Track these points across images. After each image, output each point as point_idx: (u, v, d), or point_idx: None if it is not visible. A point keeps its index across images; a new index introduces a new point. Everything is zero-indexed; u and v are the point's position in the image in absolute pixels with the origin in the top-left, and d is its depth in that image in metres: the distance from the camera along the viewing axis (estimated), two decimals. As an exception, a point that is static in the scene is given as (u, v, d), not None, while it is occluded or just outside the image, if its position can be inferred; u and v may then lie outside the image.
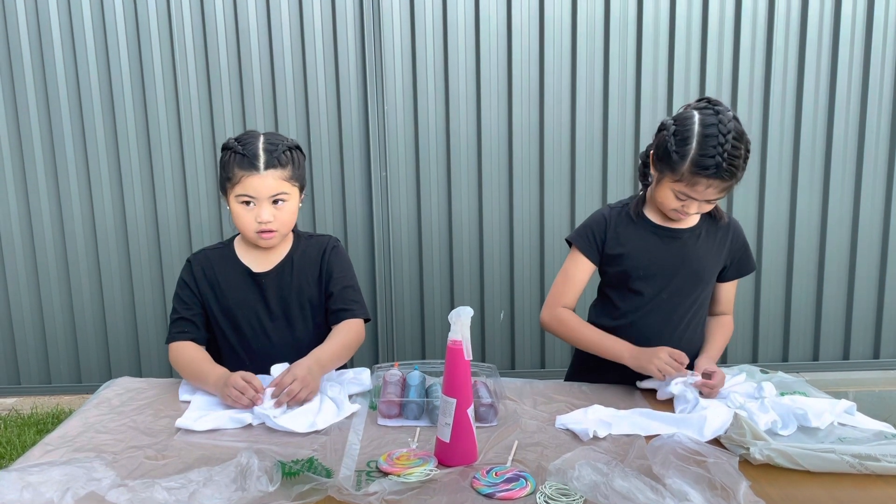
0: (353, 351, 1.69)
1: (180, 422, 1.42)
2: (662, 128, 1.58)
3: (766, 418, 1.36)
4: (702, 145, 1.48)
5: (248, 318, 1.71)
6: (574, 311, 1.76)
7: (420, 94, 3.10)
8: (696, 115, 1.52)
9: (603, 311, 1.78)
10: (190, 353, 1.65)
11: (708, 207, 1.60)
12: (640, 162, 1.72)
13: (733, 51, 3.09)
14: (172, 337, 1.69)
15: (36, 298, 3.24)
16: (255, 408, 1.43)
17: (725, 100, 3.12)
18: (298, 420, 1.39)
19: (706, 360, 1.64)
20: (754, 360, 3.31)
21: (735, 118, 1.52)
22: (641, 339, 1.64)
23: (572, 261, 1.75)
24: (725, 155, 1.46)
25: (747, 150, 1.51)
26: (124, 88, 3.08)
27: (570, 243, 1.78)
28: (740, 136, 1.49)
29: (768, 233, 3.22)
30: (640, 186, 1.74)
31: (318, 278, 1.74)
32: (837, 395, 1.64)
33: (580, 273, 1.73)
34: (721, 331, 1.77)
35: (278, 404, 1.43)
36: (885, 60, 3.10)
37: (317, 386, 1.50)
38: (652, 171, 1.63)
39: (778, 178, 3.19)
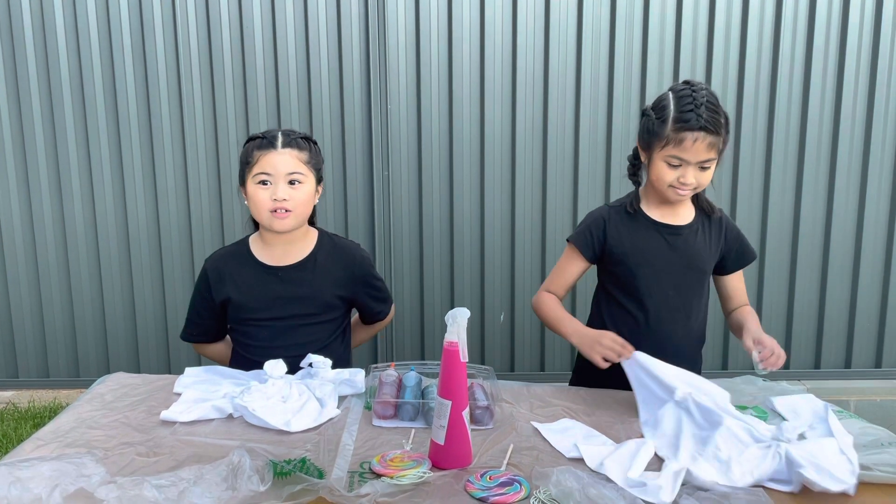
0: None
1: (165, 414, 1.42)
2: (644, 113, 1.68)
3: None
4: (679, 103, 1.58)
5: (260, 312, 1.73)
6: (562, 301, 1.79)
7: (423, 94, 3.09)
8: (669, 91, 1.65)
9: (620, 321, 1.74)
10: (209, 350, 1.88)
11: (704, 178, 1.61)
12: (628, 164, 1.79)
13: (739, 51, 3.07)
14: (189, 338, 1.86)
15: (35, 292, 3.23)
16: (235, 399, 1.44)
17: (730, 99, 3.10)
18: (276, 416, 1.39)
19: (749, 336, 1.65)
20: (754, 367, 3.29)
21: (708, 87, 1.62)
22: (659, 340, 1.67)
23: (566, 256, 1.81)
24: (703, 108, 1.55)
25: (726, 118, 1.60)
26: (127, 86, 3.07)
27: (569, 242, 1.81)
28: (715, 97, 1.59)
29: (771, 240, 3.20)
30: (634, 186, 1.80)
31: (341, 285, 1.77)
32: (839, 404, 1.62)
33: (571, 268, 1.78)
34: (750, 316, 1.76)
35: None
36: (892, 60, 3.08)
37: None
38: (643, 158, 1.70)
39: (782, 183, 3.17)
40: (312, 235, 1.79)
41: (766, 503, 1.08)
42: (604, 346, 1.53)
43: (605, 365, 1.53)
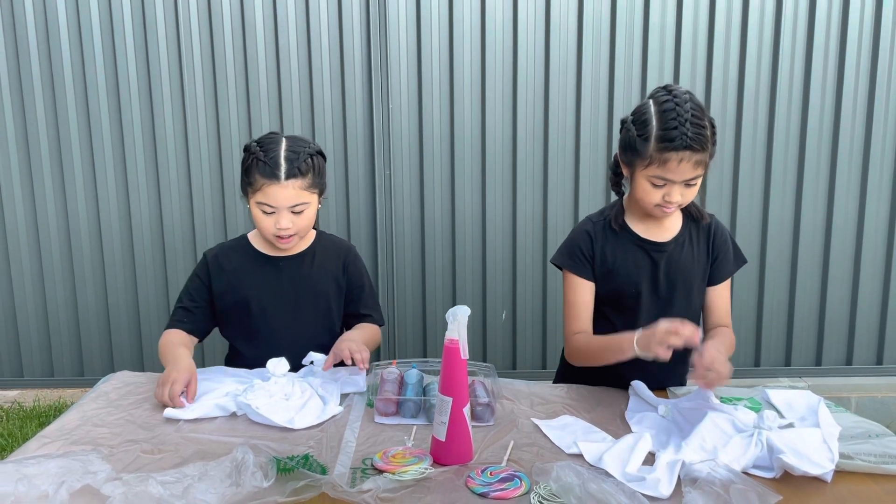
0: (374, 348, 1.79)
1: (169, 412, 1.43)
2: (623, 124, 1.57)
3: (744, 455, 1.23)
4: (662, 120, 1.46)
5: (258, 299, 1.74)
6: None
7: (425, 93, 3.10)
8: (651, 100, 1.52)
9: (602, 333, 1.67)
10: (171, 337, 1.72)
11: (690, 194, 1.52)
12: (610, 172, 1.68)
13: (739, 51, 3.07)
14: (169, 324, 1.77)
15: (40, 291, 3.25)
16: (239, 397, 1.45)
17: (730, 101, 3.10)
18: (279, 413, 1.40)
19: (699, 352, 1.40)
20: (756, 364, 3.30)
21: (691, 94, 1.50)
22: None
23: (571, 286, 1.67)
24: (688, 124, 1.43)
25: (712, 126, 1.49)
26: (131, 87, 3.08)
27: (559, 267, 1.70)
28: (700, 108, 1.47)
29: (772, 236, 3.21)
30: (616, 196, 1.71)
31: (337, 278, 1.79)
32: (840, 401, 1.62)
33: (583, 296, 1.66)
34: (719, 335, 1.62)
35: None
36: (892, 61, 3.08)
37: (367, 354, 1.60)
38: (625, 172, 1.60)
39: (782, 181, 3.17)
40: (311, 233, 1.82)
41: (763, 493, 1.09)
42: (661, 343, 1.37)
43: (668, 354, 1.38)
